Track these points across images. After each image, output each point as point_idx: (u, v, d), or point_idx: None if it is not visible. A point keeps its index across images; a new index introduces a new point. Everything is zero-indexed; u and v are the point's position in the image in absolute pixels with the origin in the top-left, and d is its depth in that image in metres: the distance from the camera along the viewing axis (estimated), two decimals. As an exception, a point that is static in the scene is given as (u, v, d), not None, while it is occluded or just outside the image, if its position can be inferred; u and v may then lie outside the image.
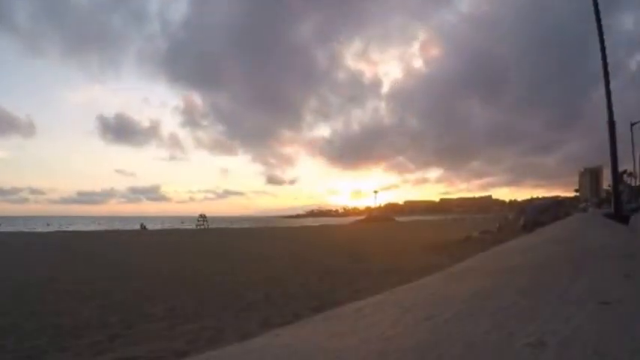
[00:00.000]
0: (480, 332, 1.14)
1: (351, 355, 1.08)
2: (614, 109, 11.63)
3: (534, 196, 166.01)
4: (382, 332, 1.27)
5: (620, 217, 11.66)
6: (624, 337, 1.03)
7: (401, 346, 1.10)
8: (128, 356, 5.06)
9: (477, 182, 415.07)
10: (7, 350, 5.47)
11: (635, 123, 25.27)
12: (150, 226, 64.34)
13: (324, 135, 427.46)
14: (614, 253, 3.33)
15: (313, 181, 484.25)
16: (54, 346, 5.55)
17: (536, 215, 22.04)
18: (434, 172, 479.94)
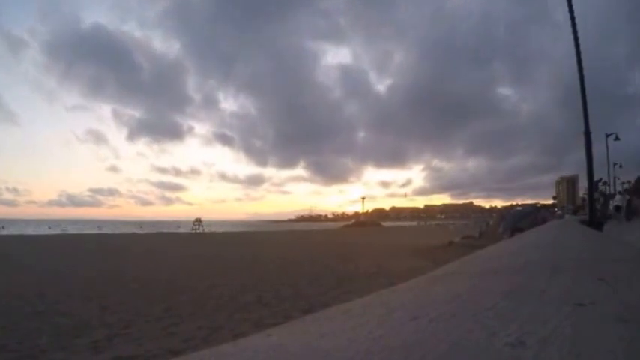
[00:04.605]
0: (462, 332, 1.13)
1: (340, 353, 1.07)
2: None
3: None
4: (369, 332, 1.26)
5: (595, 224, 11.77)
6: (599, 338, 1.03)
7: (387, 345, 1.10)
8: (126, 355, 5.00)
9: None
10: (9, 349, 5.37)
11: (610, 134, 25.52)
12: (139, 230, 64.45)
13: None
14: (589, 258, 3.35)
15: (305, 187, 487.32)
16: (54, 346, 5.47)
17: (516, 221, 22.10)
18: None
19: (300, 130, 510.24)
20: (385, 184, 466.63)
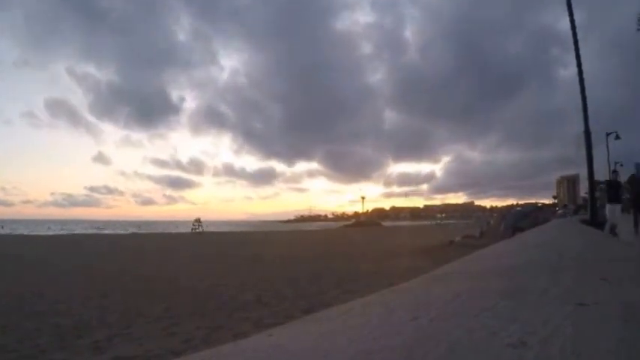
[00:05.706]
0: (463, 332, 1.13)
1: (340, 353, 1.07)
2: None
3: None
4: (370, 332, 1.26)
5: (596, 223, 11.74)
6: (600, 338, 1.03)
7: (388, 345, 1.10)
8: (126, 355, 4.99)
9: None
10: (9, 350, 5.37)
11: (610, 133, 25.45)
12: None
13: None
14: (590, 258, 3.35)
15: (305, 187, 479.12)
16: (54, 346, 5.46)
17: (517, 221, 22.12)
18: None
19: (313, 113, 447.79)
20: (406, 181, 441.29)
